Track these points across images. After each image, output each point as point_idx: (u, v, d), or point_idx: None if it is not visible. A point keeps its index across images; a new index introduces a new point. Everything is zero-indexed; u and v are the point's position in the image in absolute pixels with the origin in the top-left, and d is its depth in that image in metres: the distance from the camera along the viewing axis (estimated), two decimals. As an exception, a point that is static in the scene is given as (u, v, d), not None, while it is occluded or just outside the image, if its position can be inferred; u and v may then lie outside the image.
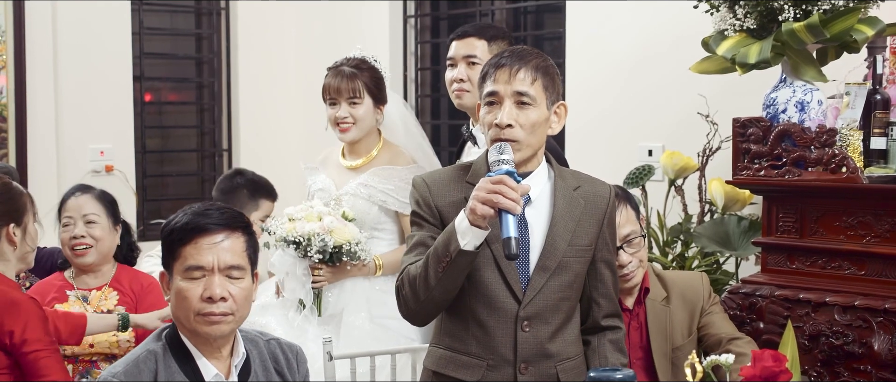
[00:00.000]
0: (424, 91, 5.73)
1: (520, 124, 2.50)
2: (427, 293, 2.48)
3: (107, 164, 5.47)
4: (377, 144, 3.74)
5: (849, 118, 3.27)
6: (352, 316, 3.56)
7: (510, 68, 2.52)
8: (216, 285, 2.33)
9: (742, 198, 3.92)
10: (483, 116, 2.56)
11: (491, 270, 2.52)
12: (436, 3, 5.67)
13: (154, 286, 3.51)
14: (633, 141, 4.50)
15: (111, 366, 2.39)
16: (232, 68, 6.03)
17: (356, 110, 3.66)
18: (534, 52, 2.59)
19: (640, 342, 3.05)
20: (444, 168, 2.73)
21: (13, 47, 5.17)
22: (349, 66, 3.69)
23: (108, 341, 3.34)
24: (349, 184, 3.68)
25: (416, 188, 2.62)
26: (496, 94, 2.53)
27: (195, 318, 2.33)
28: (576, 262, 2.58)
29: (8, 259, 3.05)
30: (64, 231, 3.41)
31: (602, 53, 4.62)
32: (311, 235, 3.45)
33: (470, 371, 2.56)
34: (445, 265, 2.42)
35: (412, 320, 2.62)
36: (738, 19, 3.29)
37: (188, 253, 2.33)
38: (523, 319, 2.54)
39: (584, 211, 2.59)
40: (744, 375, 2.27)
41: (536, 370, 2.55)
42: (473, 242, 2.40)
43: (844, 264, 3.24)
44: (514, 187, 2.36)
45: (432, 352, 2.66)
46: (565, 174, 2.64)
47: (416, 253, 2.56)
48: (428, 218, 2.58)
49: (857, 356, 3.13)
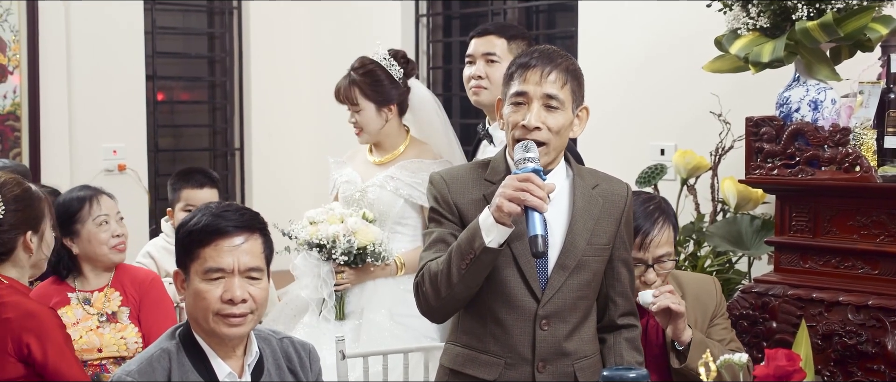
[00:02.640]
0: (436, 89, 5.73)
1: (547, 127, 2.49)
2: (449, 290, 2.47)
3: (119, 163, 5.49)
4: (404, 141, 3.75)
5: (862, 117, 3.26)
6: (373, 313, 3.57)
7: (542, 70, 2.50)
8: (237, 287, 2.33)
9: (755, 198, 3.91)
10: (508, 115, 2.54)
11: (510, 268, 2.52)
12: (448, 3, 5.67)
13: (155, 282, 3.50)
14: (645, 140, 4.50)
15: (125, 364, 2.39)
16: (244, 67, 6.05)
17: (360, 116, 3.70)
18: (563, 54, 2.57)
19: (657, 340, 3.05)
20: (460, 165, 2.72)
21: (27, 47, 5.20)
22: (350, 73, 3.72)
23: (115, 343, 3.34)
24: (376, 176, 3.70)
25: (434, 184, 2.62)
26: (525, 95, 2.51)
27: (214, 318, 2.34)
28: (594, 261, 2.57)
29: (22, 265, 3.04)
30: (100, 230, 3.37)
31: (614, 52, 4.61)
32: (336, 237, 3.46)
33: (488, 370, 2.55)
34: (469, 262, 2.41)
35: (431, 317, 2.62)
36: (751, 18, 3.29)
37: (208, 256, 2.33)
38: (542, 317, 2.53)
39: (603, 209, 2.59)
40: (757, 374, 2.26)
41: (554, 368, 2.55)
42: (498, 239, 2.40)
43: (858, 263, 3.23)
44: (541, 185, 2.36)
45: (449, 350, 2.66)
46: (583, 172, 2.64)
47: (435, 249, 2.55)
48: (447, 215, 2.58)
49: (871, 355, 3.12)
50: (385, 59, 3.73)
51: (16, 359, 2.89)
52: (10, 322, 2.88)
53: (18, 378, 2.91)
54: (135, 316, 3.41)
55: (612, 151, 4.53)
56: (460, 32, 5.64)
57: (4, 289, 2.94)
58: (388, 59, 3.73)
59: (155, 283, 3.50)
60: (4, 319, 2.88)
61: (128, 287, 3.45)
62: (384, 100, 3.70)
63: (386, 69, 3.71)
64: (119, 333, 3.36)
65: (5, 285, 2.95)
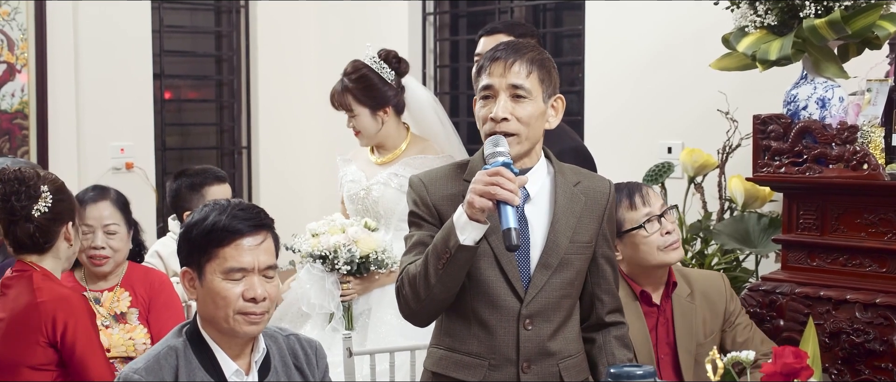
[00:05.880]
0: (443, 88, 5.73)
1: (516, 117, 2.47)
2: (427, 291, 2.45)
3: (127, 162, 5.50)
4: (405, 139, 3.76)
5: (870, 115, 3.25)
6: (381, 311, 3.57)
7: (505, 61, 2.50)
8: (257, 285, 2.35)
9: (762, 196, 3.90)
10: (478, 110, 2.54)
11: (492, 268, 2.49)
12: (455, 1, 5.67)
13: (165, 284, 3.51)
14: (652, 138, 4.49)
15: (132, 362, 2.40)
16: (251, 66, 6.05)
17: (356, 121, 3.72)
18: (529, 45, 2.56)
19: (667, 338, 3.04)
20: (440, 166, 2.71)
21: (35, 46, 5.21)
22: (343, 79, 3.73)
23: (124, 344, 3.35)
24: (380, 174, 3.70)
25: (412, 187, 2.60)
26: (491, 88, 2.50)
27: (235, 317, 2.35)
28: (577, 259, 2.55)
29: (59, 257, 3.08)
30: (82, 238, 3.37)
31: (621, 50, 4.61)
32: (337, 247, 3.46)
33: (471, 372, 2.53)
34: (445, 261, 2.39)
35: (413, 320, 2.58)
36: (758, 16, 3.28)
37: (228, 255, 2.34)
38: (525, 317, 2.51)
39: (585, 207, 2.57)
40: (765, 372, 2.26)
41: (539, 368, 2.53)
42: (473, 237, 2.38)
43: (865, 261, 3.22)
44: (511, 178, 2.34)
45: (433, 353, 2.63)
46: (565, 170, 2.61)
47: (415, 252, 2.53)
48: (426, 217, 2.55)
49: (879, 353, 3.12)
50: (375, 62, 3.72)
51: (47, 343, 2.93)
52: (44, 305, 2.93)
53: (45, 365, 2.93)
54: (144, 316, 3.42)
55: (619, 149, 4.53)
56: (467, 31, 5.63)
57: (38, 276, 2.99)
58: (378, 62, 3.72)
59: (165, 285, 3.51)
60: (39, 302, 2.94)
61: (137, 287, 3.45)
62: (378, 104, 3.70)
63: (377, 72, 3.71)
64: (127, 334, 3.36)
65: (39, 273, 3.01)
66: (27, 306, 2.94)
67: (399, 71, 3.76)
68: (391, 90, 3.71)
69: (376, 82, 3.70)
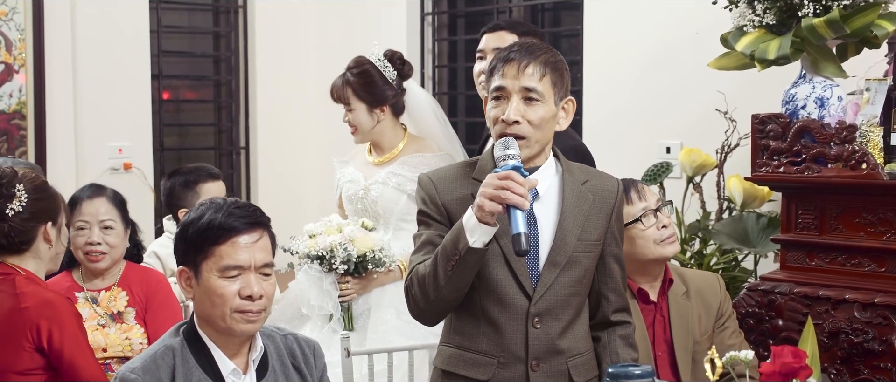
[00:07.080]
0: (441, 88, 5.73)
1: (527, 120, 2.47)
2: (437, 292, 2.46)
3: (125, 162, 5.49)
4: (401, 140, 3.76)
5: (869, 114, 3.25)
6: (380, 311, 3.56)
7: (519, 63, 2.49)
8: (254, 283, 2.35)
9: (761, 195, 3.90)
10: (489, 111, 2.54)
11: (501, 267, 2.50)
12: (453, 1, 5.67)
13: (163, 283, 3.50)
14: (650, 138, 4.49)
15: (129, 362, 2.39)
16: (250, 66, 6.05)
17: (352, 116, 3.73)
18: (543, 47, 2.56)
19: (664, 335, 3.04)
20: (449, 165, 2.70)
21: (32, 46, 5.21)
22: (345, 73, 3.73)
23: (120, 344, 3.34)
24: (378, 174, 3.70)
25: (422, 186, 2.60)
26: (504, 89, 2.50)
27: (232, 315, 2.34)
28: (585, 257, 2.56)
29: (41, 257, 3.04)
30: (78, 235, 3.36)
31: (619, 50, 4.61)
32: (334, 246, 3.45)
33: (481, 370, 2.54)
34: (455, 263, 2.40)
35: (422, 320, 2.60)
36: (757, 15, 3.28)
37: (225, 253, 2.34)
38: (534, 315, 2.52)
39: (593, 205, 2.57)
40: (763, 371, 2.26)
41: (548, 366, 2.53)
42: (482, 239, 2.38)
43: (864, 261, 3.22)
44: (521, 182, 2.34)
45: (442, 351, 2.64)
46: (573, 168, 2.62)
47: (424, 252, 2.53)
48: (435, 217, 2.56)
49: (877, 353, 3.12)
50: (380, 61, 3.73)
51: (33, 348, 2.89)
52: (28, 311, 2.89)
53: (33, 370, 2.91)
54: (141, 316, 3.41)
55: (618, 149, 4.53)
56: (465, 31, 5.63)
57: (21, 280, 2.95)
58: (382, 61, 3.74)
59: (162, 284, 3.49)
60: (23, 308, 2.89)
61: (135, 287, 3.44)
62: (376, 102, 3.70)
63: (380, 70, 3.72)
64: (124, 333, 3.35)
65: (22, 276, 2.96)
66: (11, 311, 2.89)
67: (402, 73, 3.77)
68: (391, 90, 3.72)
69: (377, 80, 3.71)
